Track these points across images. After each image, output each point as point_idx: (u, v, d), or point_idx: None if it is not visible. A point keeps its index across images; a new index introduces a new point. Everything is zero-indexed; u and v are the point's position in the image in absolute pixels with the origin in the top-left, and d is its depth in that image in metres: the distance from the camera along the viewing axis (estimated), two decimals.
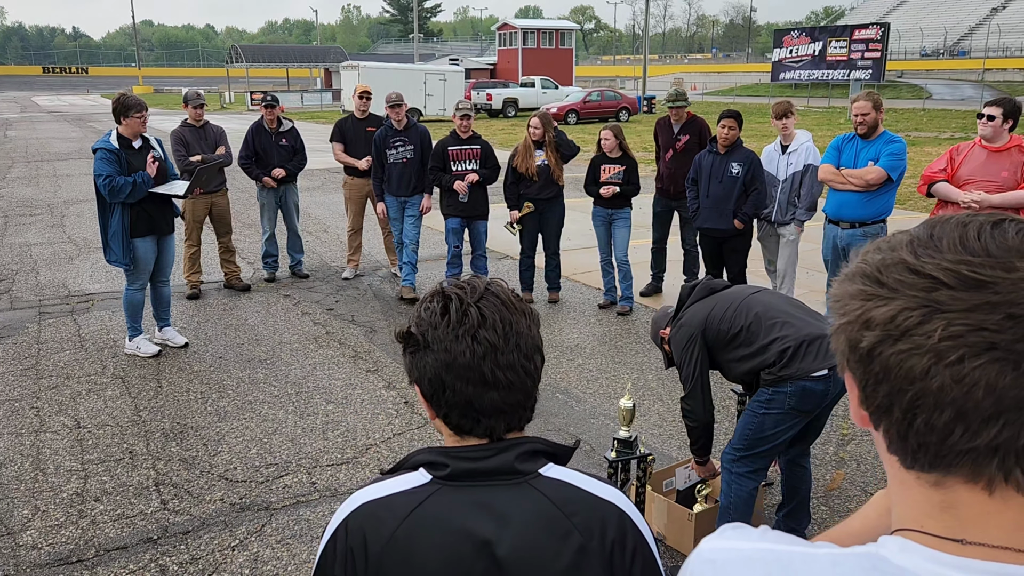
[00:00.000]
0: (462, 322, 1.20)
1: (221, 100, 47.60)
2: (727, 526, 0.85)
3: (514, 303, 1.25)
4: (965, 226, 0.71)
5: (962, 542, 0.70)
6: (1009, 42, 56.72)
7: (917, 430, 0.70)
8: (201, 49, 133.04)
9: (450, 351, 1.20)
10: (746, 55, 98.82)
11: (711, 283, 3.58)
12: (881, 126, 5.69)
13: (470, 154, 7.19)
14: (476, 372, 1.20)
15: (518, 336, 1.22)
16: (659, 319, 3.79)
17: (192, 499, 4.12)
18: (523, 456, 1.23)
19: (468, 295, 1.23)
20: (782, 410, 3.21)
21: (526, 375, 1.24)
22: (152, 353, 6.09)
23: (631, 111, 33.50)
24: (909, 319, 0.68)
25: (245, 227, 10.83)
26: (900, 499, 0.77)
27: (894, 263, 0.71)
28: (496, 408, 1.22)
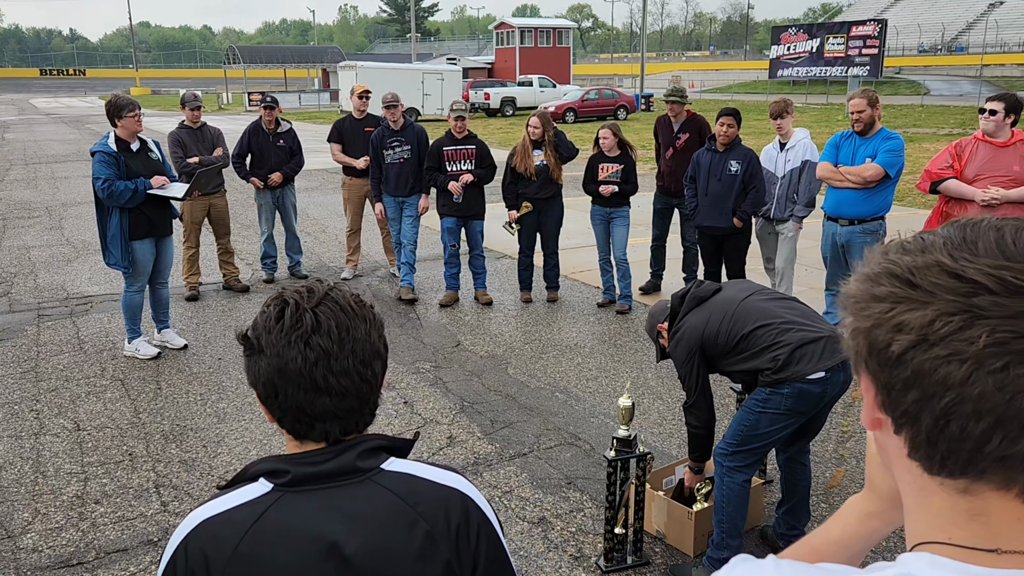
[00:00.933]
0: (295, 327, 1.20)
1: (218, 101, 47.55)
2: (736, 559, 0.82)
3: (353, 308, 1.25)
4: (1000, 230, 0.69)
5: (997, 552, 0.68)
6: (1007, 37, 56.72)
7: (950, 436, 0.68)
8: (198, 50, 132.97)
9: (282, 356, 1.20)
10: (744, 52, 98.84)
11: (698, 292, 3.57)
12: (878, 123, 5.69)
13: (465, 154, 7.19)
14: (307, 378, 1.19)
15: (355, 342, 1.22)
16: (656, 313, 3.80)
17: (192, 501, 4.12)
18: (364, 454, 1.24)
19: (305, 300, 1.23)
20: (779, 410, 3.23)
21: (362, 381, 1.23)
22: (151, 355, 6.09)
23: (629, 109, 33.48)
24: (949, 324, 0.66)
25: (243, 228, 10.83)
26: (920, 507, 0.74)
27: (928, 265, 0.69)
28: (329, 414, 1.22)
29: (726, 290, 3.57)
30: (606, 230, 7.13)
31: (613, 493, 3.50)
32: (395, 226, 7.73)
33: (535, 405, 5.26)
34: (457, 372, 5.85)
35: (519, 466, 4.46)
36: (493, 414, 5.13)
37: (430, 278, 8.36)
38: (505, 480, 4.31)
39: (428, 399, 5.37)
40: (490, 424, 4.99)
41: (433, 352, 6.26)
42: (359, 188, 8.16)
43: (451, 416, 5.11)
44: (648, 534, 3.80)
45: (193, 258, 7.68)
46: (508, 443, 4.74)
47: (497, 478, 4.33)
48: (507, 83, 38.61)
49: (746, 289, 3.56)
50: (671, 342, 3.59)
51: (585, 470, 4.42)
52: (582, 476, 4.35)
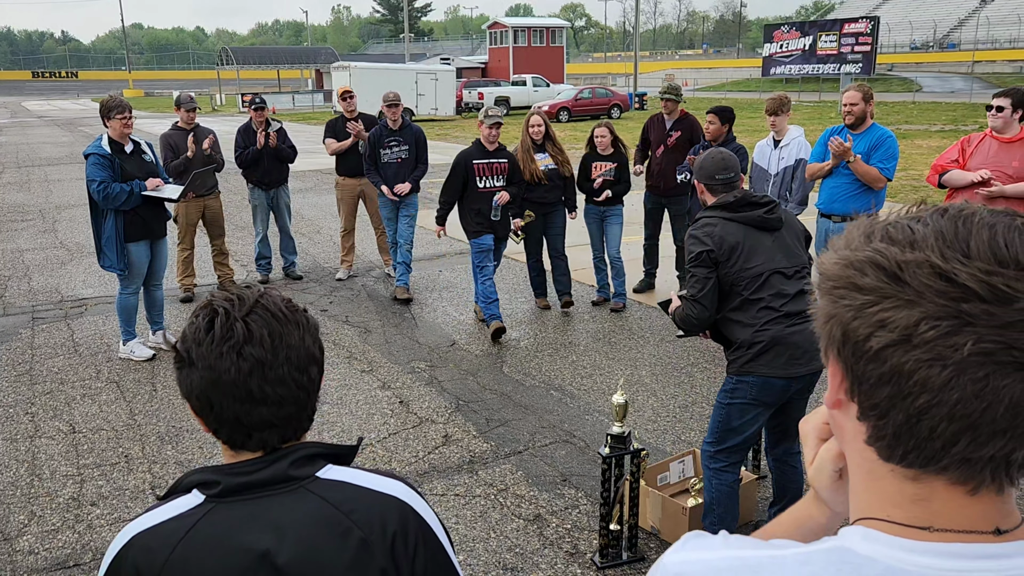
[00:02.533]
0: (227, 338, 1.18)
1: (212, 102, 47.47)
2: (688, 535, 0.83)
3: (286, 314, 1.22)
4: (993, 228, 0.67)
5: (929, 529, 0.70)
6: (998, 34, 56.89)
7: (918, 434, 0.68)
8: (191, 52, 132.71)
9: (215, 368, 1.17)
10: (737, 50, 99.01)
11: (763, 218, 3.32)
12: (870, 118, 5.73)
13: (497, 169, 6.43)
14: (242, 389, 1.18)
15: (288, 349, 1.20)
16: (704, 171, 3.51)
17: None
18: (298, 463, 1.22)
19: (236, 309, 1.20)
20: (745, 400, 3.32)
21: (299, 388, 1.22)
22: (146, 357, 6.09)
23: (623, 108, 33.53)
24: (935, 328, 0.65)
25: (238, 229, 10.82)
26: (864, 488, 0.76)
27: (918, 263, 0.67)
28: (267, 423, 1.20)
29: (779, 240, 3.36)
30: (600, 229, 7.14)
31: (608, 489, 3.52)
32: (391, 226, 7.73)
33: (530, 403, 5.28)
34: (452, 371, 5.86)
35: (514, 464, 4.48)
36: (488, 412, 5.15)
37: (425, 278, 8.38)
38: (500, 478, 4.33)
39: (423, 398, 5.38)
40: (485, 422, 5.01)
41: (428, 351, 6.27)
42: (352, 188, 8.16)
43: (446, 415, 5.13)
44: (643, 530, 3.82)
45: (188, 260, 7.68)
46: (503, 441, 4.76)
47: (492, 476, 4.35)
48: (501, 83, 38.65)
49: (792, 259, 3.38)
50: (697, 224, 3.41)
51: (580, 467, 4.44)
52: (577, 473, 4.37)
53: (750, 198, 3.39)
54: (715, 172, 3.49)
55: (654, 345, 6.33)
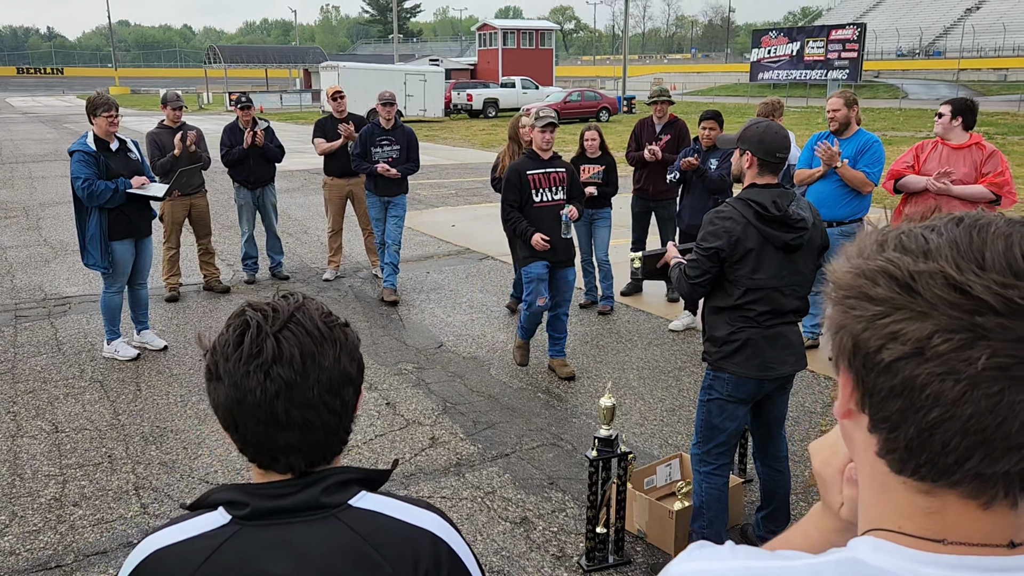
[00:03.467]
0: (255, 356, 1.10)
1: (199, 101, 47.22)
2: (694, 546, 0.82)
3: (322, 331, 1.14)
4: (1009, 239, 0.66)
5: (943, 542, 0.69)
6: (983, 42, 57.46)
7: (931, 448, 0.67)
8: (179, 49, 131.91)
9: (240, 387, 1.10)
10: (725, 55, 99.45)
11: (786, 241, 3.20)
12: (855, 124, 5.78)
13: (555, 179, 5.53)
14: (267, 412, 1.10)
15: (320, 371, 1.12)
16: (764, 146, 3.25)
17: (172, 503, 4.09)
18: (330, 489, 1.15)
19: (268, 323, 1.12)
20: (721, 396, 3.38)
21: (330, 412, 1.14)
22: (131, 356, 6.04)
23: (611, 111, 33.60)
24: (949, 341, 0.64)
25: (224, 229, 10.76)
26: (876, 501, 0.75)
27: (932, 273, 0.65)
28: (293, 448, 1.13)
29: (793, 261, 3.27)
30: (588, 231, 7.15)
31: (595, 493, 3.52)
32: (379, 226, 7.71)
33: (517, 406, 5.27)
34: (440, 373, 5.85)
35: (501, 467, 4.47)
36: (476, 415, 5.14)
37: (413, 279, 8.35)
38: (487, 481, 4.32)
39: (411, 400, 5.36)
40: (472, 425, 5.00)
41: (416, 353, 6.26)
42: (341, 188, 8.14)
43: (434, 417, 5.11)
44: (629, 533, 3.82)
45: (173, 259, 7.62)
46: (490, 444, 4.75)
47: (480, 479, 4.34)
48: (490, 84, 38.62)
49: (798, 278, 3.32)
50: (723, 210, 3.28)
51: (567, 470, 4.43)
52: (564, 476, 4.37)
53: (788, 219, 3.20)
54: (776, 149, 3.24)
55: (641, 348, 6.34)
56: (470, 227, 11.10)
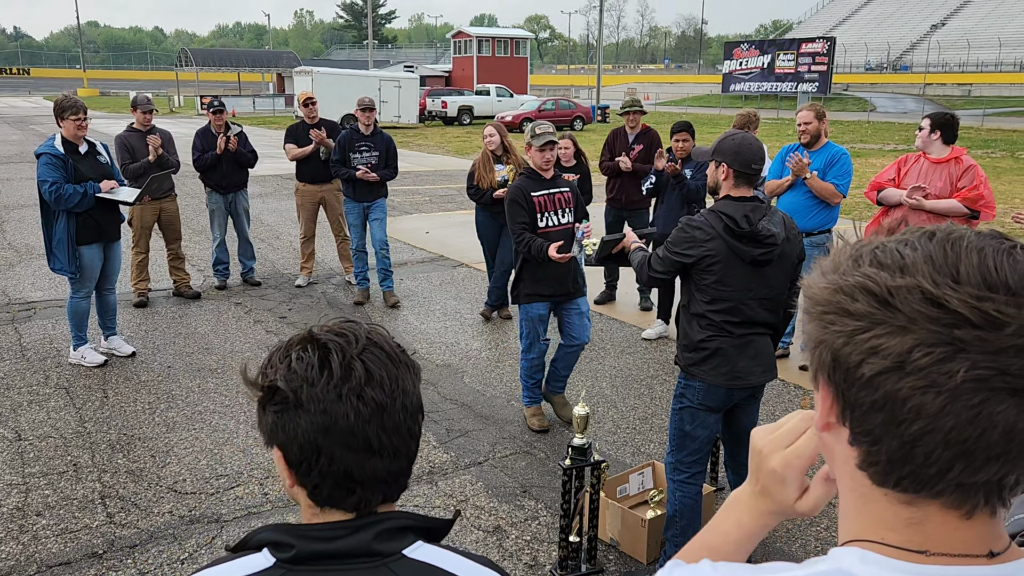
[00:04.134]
0: (347, 379, 1.05)
1: (170, 104, 46.70)
2: (671, 564, 0.82)
3: (399, 356, 1.11)
4: (982, 252, 0.67)
5: (926, 553, 0.70)
6: (948, 58, 58.68)
7: (913, 461, 0.68)
8: (149, 52, 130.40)
9: (330, 413, 1.04)
10: (698, 66, 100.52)
11: (755, 256, 3.22)
12: (824, 136, 5.87)
13: (561, 200, 4.98)
14: (360, 437, 1.04)
15: (404, 395, 1.09)
16: (740, 158, 3.27)
17: (139, 512, 4.02)
18: (384, 535, 1.07)
19: (350, 346, 1.07)
20: (692, 404, 3.41)
21: (411, 438, 1.10)
22: (98, 363, 5.94)
23: (585, 120, 33.79)
24: (928, 355, 0.65)
25: (195, 234, 10.64)
26: (858, 512, 0.76)
27: (909, 288, 0.66)
28: (377, 478, 1.07)
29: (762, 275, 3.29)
30: None
31: (568, 501, 3.52)
32: (357, 232, 7.66)
33: (490, 414, 5.26)
34: None
35: (474, 475, 4.46)
36: (449, 423, 5.12)
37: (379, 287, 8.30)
38: (460, 489, 4.30)
39: None
40: (446, 433, 4.98)
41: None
42: (313, 195, 8.09)
43: None
44: (602, 542, 3.83)
45: (142, 264, 7.52)
46: (463, 452, 4.73)
47: (452, 487, 4.32)
48: (464, 92, 38.65)
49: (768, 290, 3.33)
50: (697, 219, 3.29)
51: (540, 478, 4.43)
52: (537, 485, 4.37)
53: (758, 235, 3.22)
54: (752, 161, 3.27)
55: (615, 357, 6.36)
56: (444, 234, 11.08)
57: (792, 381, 5.86)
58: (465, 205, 12.58)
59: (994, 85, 51.72)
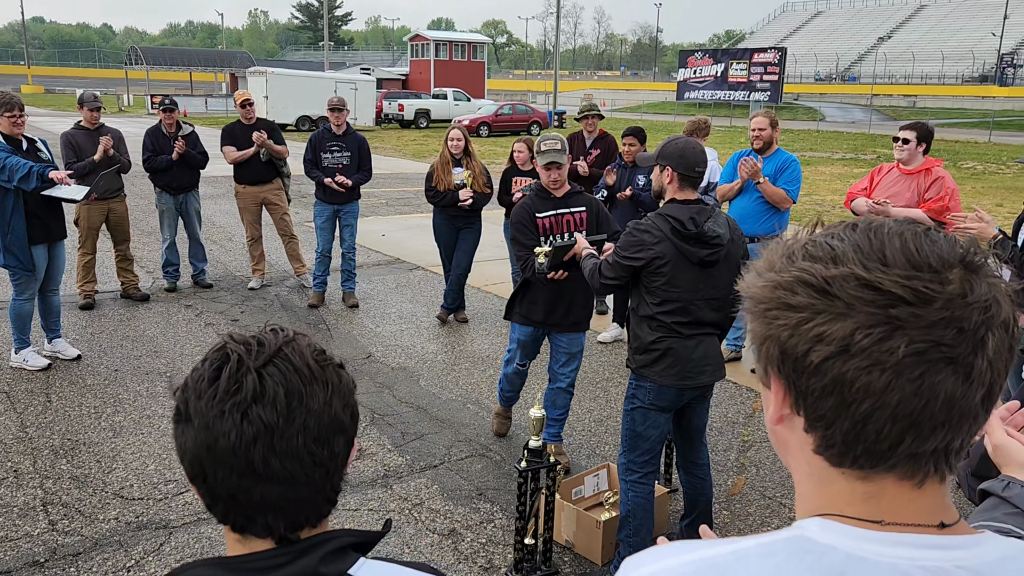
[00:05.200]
0: (232, 393, 0.95)
1: (119, 103, 45.64)
2: (644, 551, 0.83)
3: (313, 370, 0.99)
4: (902, 236, 0.72)
5: (881, 523, 0.74)
6: (894, 70, 60.38)
7: (866, 438, 0.72)
8: (97, 49, 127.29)
9: (211, 430, 0.95)
10: (653, 74, 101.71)
11: (702, 257, 3.28)
12: (776, 143, 5.98)
13: (571, 223, 4.43)
14: (242, 459, 0.94)
15: (308, 415, 0.97)
16: (684, 161, 3.33)
17: (84, 519, 3.91)
18: (328, 557, 0.98)
19: (252, 357, 0.98)
20: (643, 405, 3.45)
21: (316, 465, 0.97)
22: (41, 366, 5.76)
23: (542, 125, 33.93)
24: (869, 336, 0.69)
25: (144, 235, 10.41)
26: (816, 494, 0.79)
27: (844, 276, 0.71)
28: (271, 505, 0.97)
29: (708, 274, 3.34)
30: None
31: (524, 503, 3.52)
32: (323, 235, 7.54)
33: (446, 417, 5.24)
34: (368, 384, 5.77)
35: (430, 478, 4.43)
36: (404, 426, 5.09)
37: (341, 289, 8.22)
38: (415, 492, 4.28)
39: None
40: (401, 436, 4.94)
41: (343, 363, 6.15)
42: (254, 196, 7.97)
43: (361, 428, 5.01)
44: (557, 544, 3.84)
45: (89, 265, 7.32)
46: (419, 455, 4.70)
47: (407, 490, 4.29)
48: (422, 95, 38.54)
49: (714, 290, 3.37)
50: (644, 223, 3.34)
51: (496, 481, 4.42)
52: (493, 487, 4.36)
53: (704, 237, 3.27)
54: (695, 164, 3.33)
55: None
56: (400, 237, 11.02)
57: (745, 384, 5.96)
58: (422, 208, 12.53)
59: (938, 97, 53.36)
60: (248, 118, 7.89)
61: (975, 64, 58.33)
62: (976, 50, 58.89)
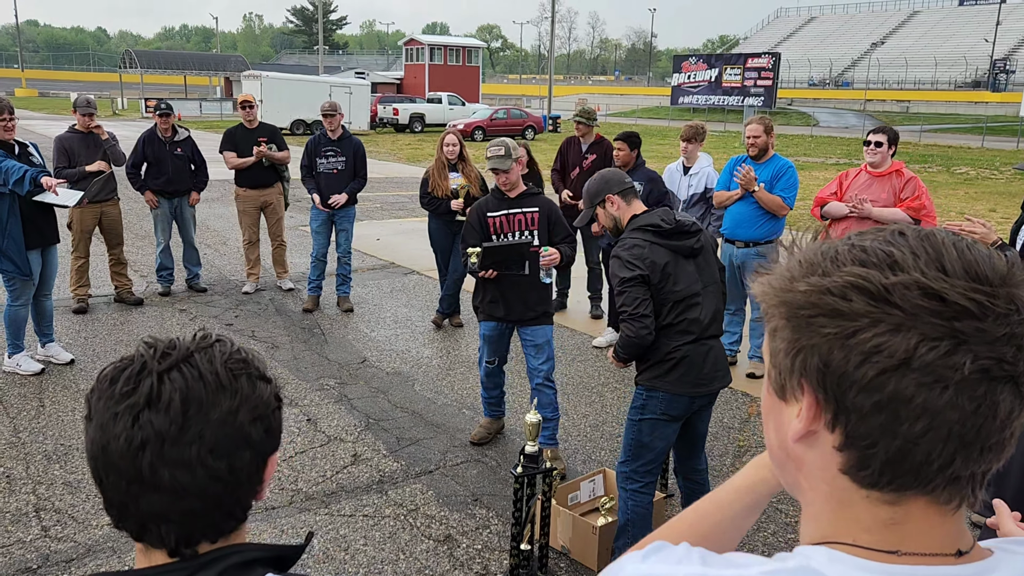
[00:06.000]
0: (126, 396, 0.93)
1: (113, 106, 45.52)
2: (652, 547, 0.80)
3: (220, 378, 0.95)
4: (957, 246, 0.68)
5: (897, 553, 0.70)
6: (887, 75, 60.65)
7: (913, 459, 0.67)
8: (92, 52, 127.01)
9: (105, 431, 0.93)
10: (647, 79, 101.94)
11: (691, 246, 3.35)
12: (771, 149, 5.99)
13: (523, 221, 4.67)
14: (130, 465, 0.91)
15: (206, 425, 0.93)
16: (612, 181, 3.53)
17: (77, 525, 3.89)
18: (229, 571, 0.95)
19: (156, 360, 0.96)
20: (654, 416, 3.41)
21: (211, 479, 0.93)
22: (34, 371, 5.73)
23: (537, 129, 33.99)
24: (934, 349, 0.64)
25: (138, 239, 10.38)
26: (833, 516, 0.74)
27: (907, 284, 0.65)
28: (159, 516, 0.93)
29: (698, 263, 3.41)
30: None
31: (519, 509, 3.51)
32: (319, 239, 7.54)
33: (442, 422, 5.23)
34: (363, 389, 5.75)
35: (425, 484, 4.42)
36: (399, 431, 5.07)
37: (335, 293, 8.20)
38: (411, 498, 4.26)
39: (332, 416, 5.26)
40: (396, 441, 4.93)
41: (338, 369, 6.14)
42: (254, 200, 7.97)
43: (356, 434, 5.02)
44: (553, 550, 3.83)
45: (82, 269, 7.29)
46: (414, 460, 4.69)
47: (403, 496, 4.28)
48: (416, 99, 38.55)
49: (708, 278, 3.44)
50: (625, 246, 3.35)
51: (491, 487, 4.41)
52: (488, 493, 4.35)
53: (683, 227, 3.38)
54: (621, 179, 3.56)
55: (565, 364, 6.38)
56: (395, 241, 11.01)
57: (740, 389, 5.96)
58: (416, 212, 12.52)
59: (930, 102, 53.60)
60: (249, 120, 7.88)
61: (968, 70, 58.61)
62: (969, 56, 59.17)
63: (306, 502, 4.17)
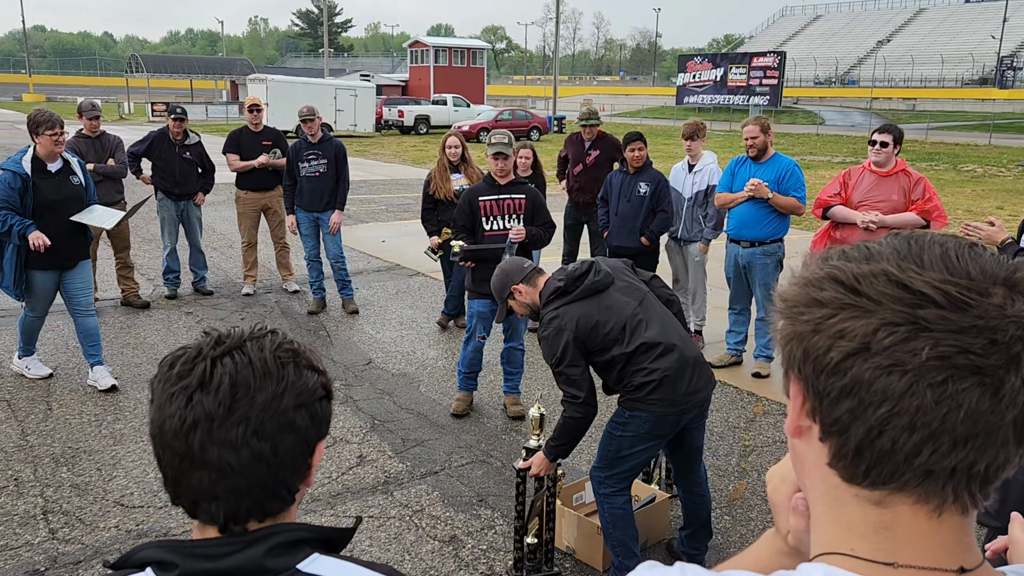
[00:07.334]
0: (183, 377, 1.01)
1: (119, 111, 45.70)
2: (643, 568, 0.80)
3: (268, 364, 1.02)
4: (944, 246, 0.69)
5: (894, 565, 0.69)
6: (893, 73, 60.42)
7: (880, 448, 0.67)
8: (99, 57, 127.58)
9: (162, 411, 1.01)
10: (652, 79, 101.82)
11: (596, 283, 3.34)
12: (771, 148, 5.98)
13: (511, 207, 5.25)
14: (182, 443, 0.99)
15: (252, 407, 0.99)
16: (512, 272, 3.67)
17: (84, 527, 3.91)
18: (275, 550, 0.99)
19: (211, 347, 1.03)
20: (636, 434, 3.31)
21: (255, 459, 0.99)
22: (42, 375, 5.76)
23: (542, 130, 33.99)
24: (893, 334, 0.65)
25: (145, 242, 10.42)
26: (830, 518, 0.74)
27: (875, 273, 0.68)
28: (207, 493, 1.00)
29: (624, 293, 3.40)
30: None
31: (522, 503, 3.51)
32: (308, 242, 7.58)
33: (447, 423, 5.24)
34: (368, 390, 5.77)
35: (430, 484, 4.43)
36: (404, 432, 5.08)
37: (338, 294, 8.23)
38: (416, 499, 4.27)
39: (338, 417, 5.27)
40: (401, 443, 4.94)
41: (344, 370, 6.16)
42: (255, 202, 8.00)
43: (361, 435, 5.03)
44: (559, 550, 3.83)
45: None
46: (419, 461, 4.70)
47: (408, 497, 4.29)
48: (421, 101, 38.60)
49: (641, 299, 3.42)
50: (546, 317, 3.38)
51: (497, 487, 4.42)
52: (493, 493, 4.35)
53: (575, 273, 3.36)
54: (519, 267, 3.67)
55: None
56: (400, 243, 11.03)
57: (746, 388, 5.95)
58: None
59: (937, 100, 53.40)
60: (255, 123, 7.91)
61: (975, 67, 58.36)
62: (975, 53, 58.92)
63: (312, 503, 4.19)
